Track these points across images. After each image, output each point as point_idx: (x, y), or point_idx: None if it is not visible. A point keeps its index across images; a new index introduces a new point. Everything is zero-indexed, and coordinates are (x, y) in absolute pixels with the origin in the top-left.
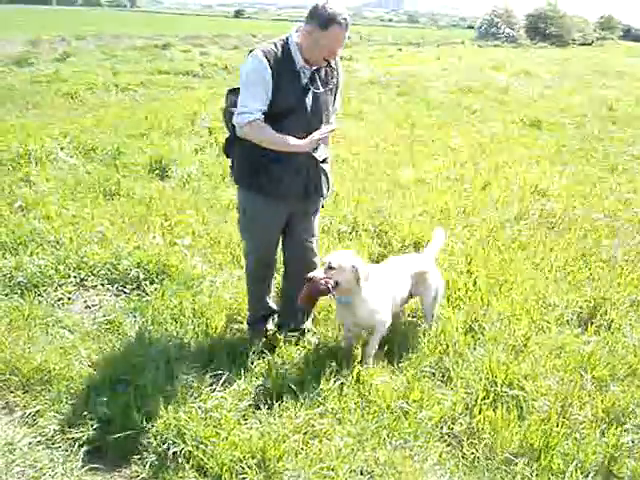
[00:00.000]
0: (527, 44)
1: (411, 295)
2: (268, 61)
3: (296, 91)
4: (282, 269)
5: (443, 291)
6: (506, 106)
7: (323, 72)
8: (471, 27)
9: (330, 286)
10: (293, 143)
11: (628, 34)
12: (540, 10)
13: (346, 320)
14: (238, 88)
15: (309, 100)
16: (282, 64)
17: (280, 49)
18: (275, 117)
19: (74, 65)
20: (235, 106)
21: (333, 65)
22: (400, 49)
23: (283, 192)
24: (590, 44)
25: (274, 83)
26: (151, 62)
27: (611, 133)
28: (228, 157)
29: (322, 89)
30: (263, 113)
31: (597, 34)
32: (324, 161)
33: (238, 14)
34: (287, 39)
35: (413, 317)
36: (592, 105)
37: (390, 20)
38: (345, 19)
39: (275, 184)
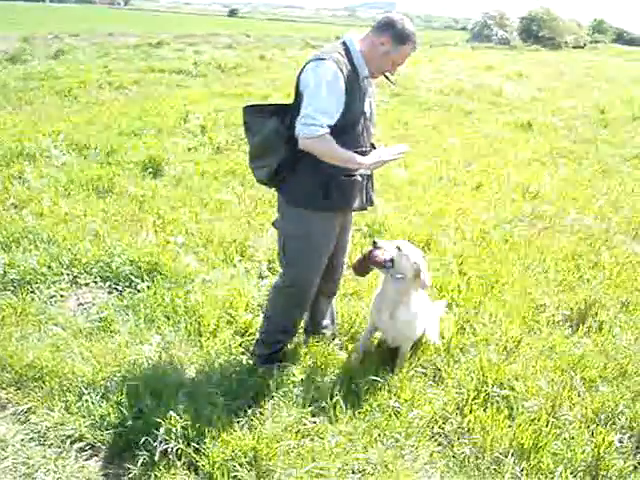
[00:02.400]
0: (520, 46)
1: None
2: (342, 73)
3: (363, 102)
4: None
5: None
6: (499, 108)
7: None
8: (464, 29)
9: (385, 259)
10: (360, 161)
11: (620, 38)
12: (533, 13)
13: (383, 326)
14: (261, 104)
15: (368, 110)
16: (351, 76)
17: (346, 59)
18: (340, 129)
19: (68, 62)
20: (284, 131)
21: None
22: None
23: (353, 205)
24: (583, 47)
25: (346, 97)
26: (145, 60)
27: (602, 136)
28: (275, 186)
29: (375, 99)
30: (329, 127)
31: (589, 37)
32: None
33: (232, 13)
34: (347, 46)
35: None
36: (584, 108)
37: None
38: (417, 40)
39: (347, 198)
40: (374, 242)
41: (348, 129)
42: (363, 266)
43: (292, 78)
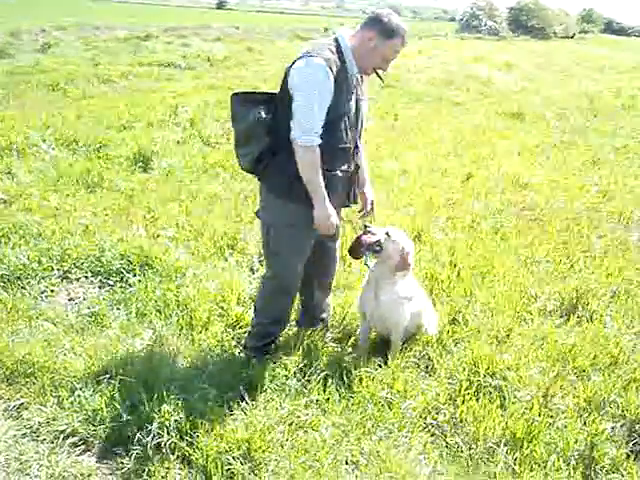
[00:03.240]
0: (509, 37)
1: None
2: (331, 71)
3: (348, 99)
4: None
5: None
6: (489, 98)
7: (360, 79)
8: (453, 19)
9: (374, 242)
10: (320, 199)
11: (609, 27)
12: (522, 3)
13: (367, 309)
14: (249, 93)
15: (353, 107)
16: (339, 73)
17: (336, 56)
18: (325, 126)
19: (55, 56)
20: (267, 120)
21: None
22: None
23: (332, 200)
24: (572, 37)
25: (333, 95)
26: (133, 53)
27: (592, 125)
28: (258, 175)
29: (363, 97)
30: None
31: (578, 27)
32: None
33: (220, 5)
34: (338, 43)
35: None
36: (573, 98)
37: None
38: (406, 35)
39: (329, 192)
40: (365, 226)
41: (330, 125)
42: (355, 249)
43: (281, 70)
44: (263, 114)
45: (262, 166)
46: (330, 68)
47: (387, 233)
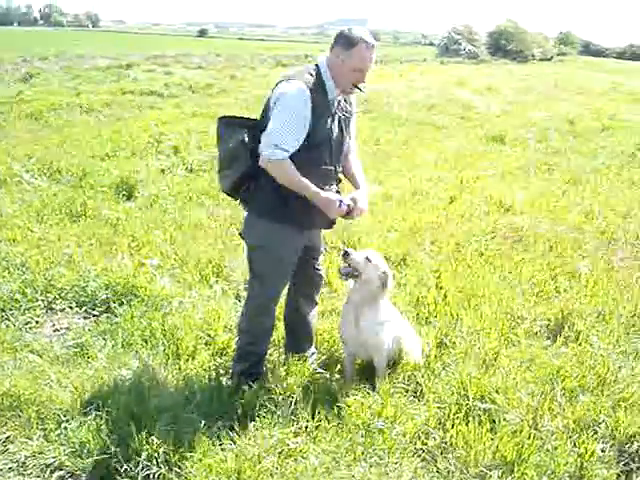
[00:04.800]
0: (488, 60)
1: None
2: (310, 94)
3: (329, 122)
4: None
5: None
6: (470, 122)
7: (342, 100)
8: (432, 44)
9: (349, 271)
10: (314, 190)
11: (587, 49)
12: (502, 27)
13: (347, 334)
14: (234, 117)
15: (335, 131)
16: (318, 96)
17: (316, 79)
18: (303, 148)
19: (37, 86)
20: (250, 144)
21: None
22: None
23: (315, 221)
24: (550, 59)
25: (312, 117)
26: (115, 82)
27: (573, 147)
28: (236, 197)
29: (346, 115)
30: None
31: (556, 50)
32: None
33: (202, 34)
34: (318, 67)
35: None
36: (553, 120)
37: None
38: (370, 40)
39: (308, 214)
40: (345, 252)
41: (312, 148)
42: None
43: (263, 97)
44: (247, 137)
45: (244, 189)
46: (310, 91)
47: (367, 257)
